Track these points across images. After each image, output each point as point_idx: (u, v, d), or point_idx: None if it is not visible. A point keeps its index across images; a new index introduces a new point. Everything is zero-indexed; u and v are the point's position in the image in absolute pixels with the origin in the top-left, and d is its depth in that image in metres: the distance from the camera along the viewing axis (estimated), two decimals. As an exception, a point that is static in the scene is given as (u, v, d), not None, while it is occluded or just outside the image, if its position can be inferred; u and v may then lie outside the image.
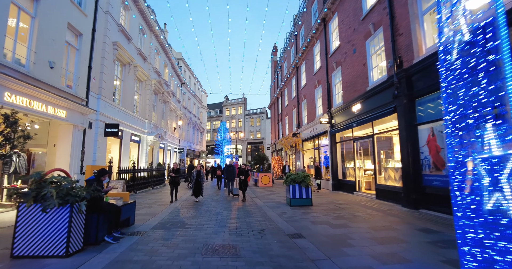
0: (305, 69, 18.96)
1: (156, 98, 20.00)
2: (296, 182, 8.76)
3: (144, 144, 17.08)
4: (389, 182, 9.59)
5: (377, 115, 9.56)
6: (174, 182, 9.38)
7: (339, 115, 13.28)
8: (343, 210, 7.90)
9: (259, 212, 7.79)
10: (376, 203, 9.02)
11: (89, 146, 10.74)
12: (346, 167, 13.17)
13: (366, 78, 10.57)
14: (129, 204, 5.55)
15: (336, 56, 13.59)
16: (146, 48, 17.60)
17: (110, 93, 12.50)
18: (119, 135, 13.53)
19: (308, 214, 7.37)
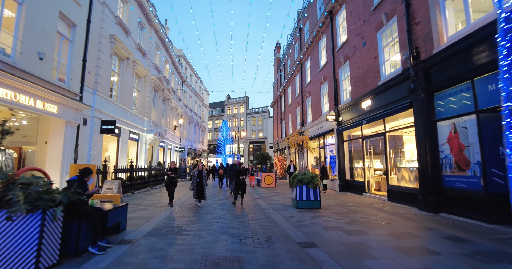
0: (310, 65, 18.31)
1: (156, 95, 19.43)
2: (303, 183, 8.14)
3: (143, 143, 16.52)
4: (402, 183, 8.95)
5: (390, 111, 8.91)
6: (171, 183, 8.37)
7: (346, 112, 12.63)
8: (355, 213, 7.27)
9: (264, 215, 7.18)
10: (389, 206, 8.39)
11: (83, 144, 10.17)
12: (354, 167, 12.52)
13: (378, 72, 9.93)
14: (119, 208, 4.96)
15: (344, 50, 12.94)
16: (146, 43, 17.03)
17: (106, 88, 11.92)
18: (117, 133, 12.97)
19: (317, 218, 6.76)
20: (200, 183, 8.54)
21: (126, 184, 11.32)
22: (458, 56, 6.34)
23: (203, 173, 8.73)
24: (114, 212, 4.67)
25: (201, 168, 8.81)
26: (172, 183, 8.47)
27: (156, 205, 8.52)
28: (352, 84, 12.06)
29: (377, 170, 11.82)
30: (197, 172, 8.71)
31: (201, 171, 8.73)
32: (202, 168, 8.82)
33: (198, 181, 8.55)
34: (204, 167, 8.93)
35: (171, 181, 8.44)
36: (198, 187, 8.55)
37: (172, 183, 8.47)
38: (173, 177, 8.43)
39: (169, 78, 22.83)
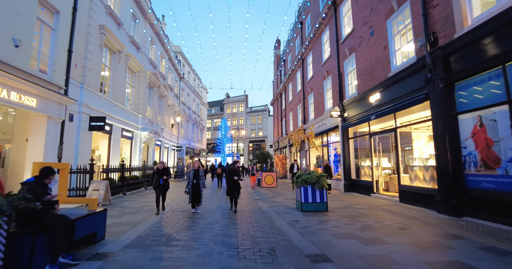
0: (312, 60, 17.54)
1: (152, 91, 18.65)
2: (308, 184, 7.38)
3: (137, 141, 15.75)
4: (416, 183, 8.20)
5: (402, 105, 8.15)
6: (161, 186, 6.97)
7: (352, 108, 11.87)
8: (367, 217, 6.52)
9: (265, 220, 6.42)
10: (402, 208, 7.64)
11: (69, 142, 9.40)
12: (360, 166, 11.78)
13: (388, 63, 9.16)
14: (95, 214, 4.18)
15: (349, 42, 12.17)
16: (140, 36, 16.24)
17: (96, 82, 11.14)
18: (108, 130, 12.21)
19: (325, 222, 6.00)
20: (196, 185, 7.27)
21: (116, 184, 10.56)
22: (486, 39, 5.58)
23: (200, 173, 7.40)
24: (87, 220, 3.90)
25: (197, 166, 7.46)
26: (163, 186, 7.08)
27: (146, 208, 7.76)
28: (359, 78, 11.30)
29: (386, 169, 11.09)
30: (193, 172, 7.37)
31: (197, 170, 7.39)
32: (198, 167, 7.48)
33: (194, 182, 7.26)
34: (201, 166, 7.63)
35: (161, 185, 7.02)
36: (194, 190, 7.17)
37: (163, 186, 7.08)
38: (165, 179, 7.07)
39: (166, 74, 22.04)
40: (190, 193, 7.22)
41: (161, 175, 7.03)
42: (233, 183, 7.59)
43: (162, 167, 7.20)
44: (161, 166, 7.21)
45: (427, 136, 9.93)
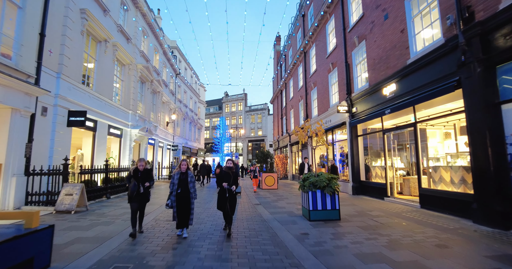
0: (316, 53, 16.39)
1: (144, 86, 17.46)
2: (317, 188, 6.24)
3: (127, 139, 14.57)
4: (441, 186, 7.06)
5: (425, 96, 7.01)
6: (139, 196, 4.89)
7: (362, 102, 10.73)
8: (390, 228, 5.37)
9: (267, 232, 5.26)
10: (426, 215, 6.50)
11: (43, 139, 8.23)
12: (371, 166, 10.64)
13: (406, 48, 8.02)
14: (31, 235, 3.00)
15: (358, 29, 11.03)
16: (130, 27, 15.06)
17: (77, 73, 9.97)
18: (92, 127, 11.03)
19: (342, 236, 4.86)
20: (183, 196, 4.92)
21: (99, 187, 9.40)
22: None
23: (189, 178, 5.07)
24: (16, 244, 2.73)
25: (184, 169, 5.09)
26: (141, 197, 4.91)
27: (127, 216, 6.58)
28: (370, 68, 10.16)
29: (399, 170, 9.97)
30: (178, 176, 5.03)
31: (184, 173, 5.08)
32: (186, 170, 5.13)
33: (179, 191, 4.94)
34: (189, 168, 5.25)
35: (140, 194, 4.89)
36: (179, 204, 4.88)
37: (141, 197, 4.91)
38: (147, 186, 5.01)
39: (160, 69, 20.85)
40: (175, 207, 4.90)
41: (140, 179, 4.92)
42: (223, 193, 5.20)
43: (142, 167, 5.00)
44: (141, 165, 4.98)
45: (459, 130, 8.82)
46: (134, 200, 4.87)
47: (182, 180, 5.04)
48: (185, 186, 5.02)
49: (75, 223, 5.77)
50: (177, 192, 4.96)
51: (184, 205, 4.94)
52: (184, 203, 4.95)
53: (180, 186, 5.00)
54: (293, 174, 22.48)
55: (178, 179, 5.04)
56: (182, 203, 4.94)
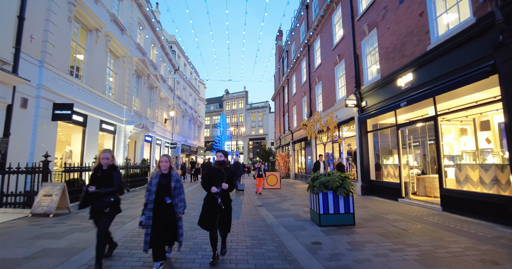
0: (320, 45, 15.56)
1: (140, 81, 16.67)
2: (329, 188, 5.44)
3: (121, 136, 13.79)
4: (467, 187, 6.27)
5: (449, 85, 6.19)
6: (100, 208, 3.29)
7: (372, 95, 9.92)
8: (415, 235, 4.58)
9: (272, 241, 4.48)
10: (453, 220, 5.70)
11: (23, 133, 7.47)
12: (382, 164, 9.84)
13: (426, 33, 7.20)
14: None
15: (369, 16, 10.20)
16: (125, 17, 14.25)
17: (64, 63, 9.18)
18: (81, 122, 10.26)
19: (361, 247, 4.07)
20: (164, 209, 3.31)
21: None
22: None
23: (173, 181, 3.41)
24: None
25: (166, 168, 3.42)
26: (109, 208, 3.33)
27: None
28: (382, 58, 9.34)
29: (413, 168, 9.17)
30: (157, 179, 3.37)
31: (167, 176, 3.41)
32: (169, 171, 3.45)
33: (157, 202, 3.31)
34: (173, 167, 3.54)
35: (105, 205, 3.30)
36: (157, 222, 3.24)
37: (109, 208, 3.33)
38: (111, 192, 3.35)
39: (157, 64, 20.05)
40: (149, 229, 3.21)
41: (100, 181, 3.27)
42: (212, 201, 3.50)
43: (107, 163, 3.37)
44: (105, 160, 3.35)
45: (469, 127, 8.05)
46: (94, 214, 3.30)
47: (163, 186, 3.32)
48: (166, 195, 3.30)
49: (49, 229, 5.00)
50: (154, 204, 3.25)
51: (165, 224, 3.25)
52: (165, 220, 3.25)
53: (159, 194, 3.29)
54: (295, 173, 21.70)
55: (157, 185, 3.31)
56: (162, 221, 3.23)
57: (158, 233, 3.20)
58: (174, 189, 3.38)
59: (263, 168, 11.81)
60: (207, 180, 3.59)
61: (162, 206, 3.30)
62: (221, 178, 3.56)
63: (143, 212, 3.31)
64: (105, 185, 3.30)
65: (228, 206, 3.61)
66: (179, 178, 3.47)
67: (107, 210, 3.27)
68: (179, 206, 3.38)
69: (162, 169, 3.41)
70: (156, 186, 3.32)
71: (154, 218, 3.24)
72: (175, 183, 3.40)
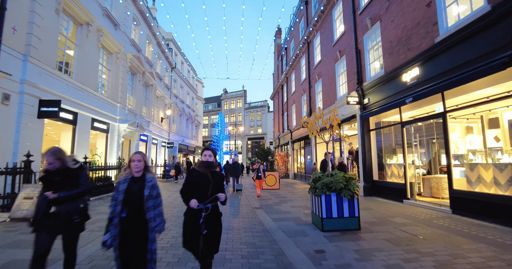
0: (320, 42, 15.13)
1: (135, 78, 16.19)
2: (332, 190, 5.02)
3: (115, 134, 13.32)
4: (480, 188, 5.86)
5: (460, 78, 5.79)
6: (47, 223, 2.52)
7: (375, 92, 9.51)
8: (428, 242, 4.16)
9: (271, 249, 4.04)
10: (465, 224, 5.29)
11: (5, 132, 7.01)
12: (385, 164, 9.43)
13: (434, 25, 6.78)
14: None
15: (371, 9, 9.78)
16: (119, 12, 13.77)
17: (51, 57, 8.72)
18: (70, 119, 9.79)
19: (369, 256, 3.65)
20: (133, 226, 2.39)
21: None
22: None
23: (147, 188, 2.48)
24: None
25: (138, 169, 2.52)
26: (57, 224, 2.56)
27: (98, 225, 5.37)
28: (386, 52, 8.92)
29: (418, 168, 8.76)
30: (126, 185, 2.46)
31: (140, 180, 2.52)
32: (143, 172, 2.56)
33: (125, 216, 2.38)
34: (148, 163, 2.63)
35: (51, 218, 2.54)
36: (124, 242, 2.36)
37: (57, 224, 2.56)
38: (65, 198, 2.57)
39: (153, 61, 19.57)
40: (116, 251, 2.37)
41: (58, 185, 2.58)
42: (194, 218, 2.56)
43: (54, 165, 2.60)
44: (49, 163, 2.60)
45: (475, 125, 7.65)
46: (40, 228, 2.52)
47: (133, 194, 2.43)
48: (137, 206, 2.41)
49: (25, 237, 4.54)
50: (121, 218, 2.37)
51: (135, 245, 2.36)
52: (135, 240, 2.37)
53: (128, 205, 2.39)
54: (295, 173, 21.30)
55: (125, 192, 2.42)
56: (131, 241, 2.36)
57: (126, 256, 2.35)
58: (149, 198, 2.45)
59: (262, 169, 10.84)
60: (187, 189, 2.64)
61: (130, 222, 2.38)
62: (205, 187, 2.59)
63: (107, 229, 2.40)
64: (66, 188, 2.60)
65: (216, 224, 2.63)
66: (156, 184, 2.59)
67: (76, 219, 2.66)
68: (156, 223, 2.46)
69: (133, 170, 2.51)
70: (124, 194, 2.42)
71: (122, 237, 2.36)
72: (149, 191, 2.47)
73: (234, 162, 13.31)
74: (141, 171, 2.55)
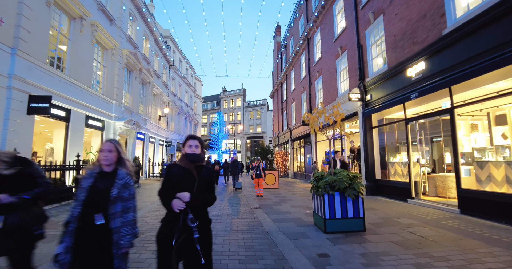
0: (321, 38, 14.82)
1: (131, 75, 15.85)
2: (335, 189, 4.72)
3: (110, 132, 13.00)
4: (490, 187, 5.57)
5: (470, 72, 5.49)
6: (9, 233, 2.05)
7: (378, 88, 9.22)
8: (439, 246, 3.87)
9: (271, 253, 3.75)
10: (476, 225, 5.01)
11: (-9, 128, 6.68)
12: (389, 162, 9.14)
13: (441, 16, 6.48)
14: None
15: (374, 3, 9.47)
16: (115, 7, 13.42)
17: (42, 52, 8.38)
18: (63, 116, 9.46)
19: (377, 261, 3.36)
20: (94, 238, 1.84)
21: (67, 187, 7.87)
22: None
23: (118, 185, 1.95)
24: None
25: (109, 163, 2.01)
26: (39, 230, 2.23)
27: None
28: (389, 47, 8.62)
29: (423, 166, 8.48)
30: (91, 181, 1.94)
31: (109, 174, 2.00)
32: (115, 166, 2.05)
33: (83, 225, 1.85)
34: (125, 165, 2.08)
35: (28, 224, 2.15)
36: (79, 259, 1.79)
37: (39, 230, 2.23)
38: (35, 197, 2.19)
39: (151, 58, 19.22)
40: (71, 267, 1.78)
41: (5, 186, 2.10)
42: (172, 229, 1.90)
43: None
44: None
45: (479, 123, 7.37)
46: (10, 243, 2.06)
47: (98, 193, 1.90)
48: (101, 210, 1.89)
49: None
50: (78, 224, 1.85)
51: (94, 265, 1.83)
52: (94, 258, 1.83)
53: (89, 207, 1.87)
54: (294, 172, 21.02)
55: (88, 189, 1.90)
56: (89, 258, 1.83)
57: None
58: (116, 200, 1.89)
59: (262, 167, 10.00)
60: (166, 188, 2.02)
61: (90, 230, 1.83)
62: (189, 187, 1.95)
63: (61, 238, 1.86)
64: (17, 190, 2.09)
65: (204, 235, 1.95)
66: (130, 181, 2.01)
67: (37, 230, 2.14)
68: (122, 234, 1.87)
69: (102, 163, 1.99)
70: (87, 192, 1.88)
71: (77, 250, 1.80)
72: (119, 191, 1.92)
73: (233, 160, 13.14)
74: (112, 164, 2.02)
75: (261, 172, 9.89)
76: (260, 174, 9.86)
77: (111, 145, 2.05)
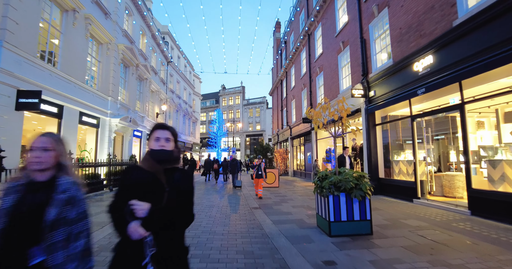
0: (322, 33, 14.46)
1: (128, 71, 15.46)
2: (341, 190, 4.40)
3: (106, 130, 12.64)
4: (503, 187, 5.27)
5: (483, 65, 5.17)
6: None
7: (382, 84, 8.89)
8: (453, 251, 3.56)
9: (271, 260, 3.43)
10: (490, 227, 4.71)
11: (-24, 124, 6.32)
12: (393, 161, 8.83)
13: (451, 7, 6.14)
14: None
15: (378, -5, 9.12)
16: (109, 1, 13.01)
17: (31, 45, 8.02)
18: (54, 113, 9.11)
19: (388, 267, 3.05)
20: None
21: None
22: None
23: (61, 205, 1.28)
24: None
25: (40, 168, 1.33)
26: None
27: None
28: (394, 40, 8.28)
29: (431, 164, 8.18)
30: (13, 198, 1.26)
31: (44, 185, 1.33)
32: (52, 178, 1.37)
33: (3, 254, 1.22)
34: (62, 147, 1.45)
35: None
36: None
37: None
38: None
39: (148, 54, 18.81)
40: None
41: None
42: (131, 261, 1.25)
43: None
44: None
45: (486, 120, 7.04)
46: None
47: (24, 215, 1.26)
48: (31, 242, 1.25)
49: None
50: None
51: None
52: None
53: (15, 240, 1.24)
54: (294, 170, 20.72)
55: (10, 212, 1.25)
56: None
57: None
58: (56, 225, 1.27)
59: (263, 167, 9.31)
60: (120, 202, 1.31)
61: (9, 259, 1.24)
62: (154, 199, 1.30)
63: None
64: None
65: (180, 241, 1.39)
66: (80, 196, 1.39)
67: None
68: None
69: (33, 168, 1.34)
70: (9, 215, 1.25)
71: None
72: (59, 210, 1.29)
73: (232, 159, 12.97)
74: (48, 169, 1.37)
75: (262, 172, 9.26)
76: (261, 174, 9.23)
77: (47, 140, 1.37)
